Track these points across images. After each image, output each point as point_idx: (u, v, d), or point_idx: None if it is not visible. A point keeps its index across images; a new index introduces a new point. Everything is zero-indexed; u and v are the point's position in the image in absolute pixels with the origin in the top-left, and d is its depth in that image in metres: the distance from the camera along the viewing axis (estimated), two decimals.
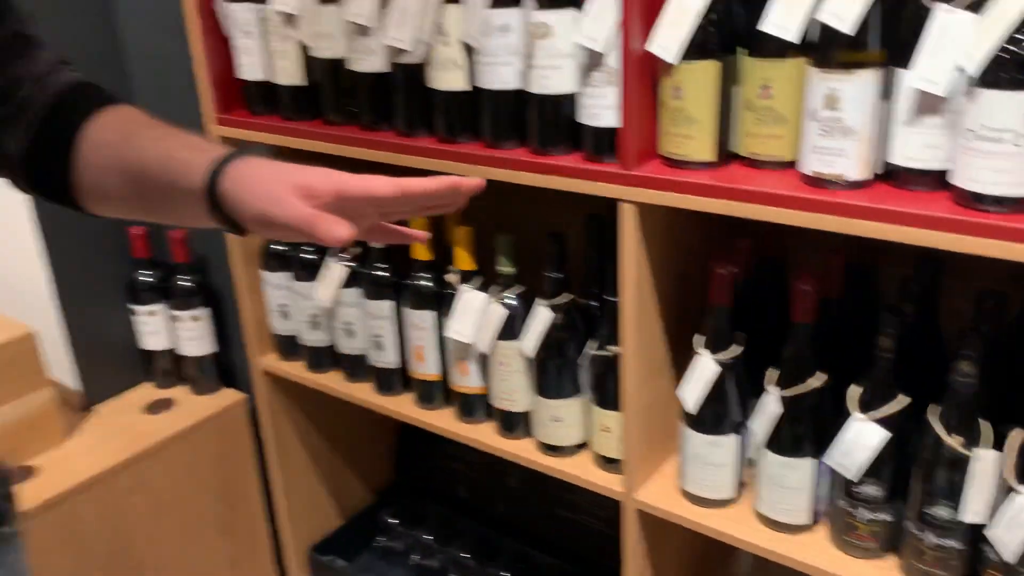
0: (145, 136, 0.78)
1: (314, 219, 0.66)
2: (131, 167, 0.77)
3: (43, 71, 0.81)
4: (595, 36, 1.03)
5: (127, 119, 0.81)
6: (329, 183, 0.70)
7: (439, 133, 1.24)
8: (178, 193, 0.75)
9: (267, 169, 0.72)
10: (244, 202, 0.71)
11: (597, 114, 1.07)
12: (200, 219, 0.75)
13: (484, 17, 1.12)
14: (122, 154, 0.78)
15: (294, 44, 1.36)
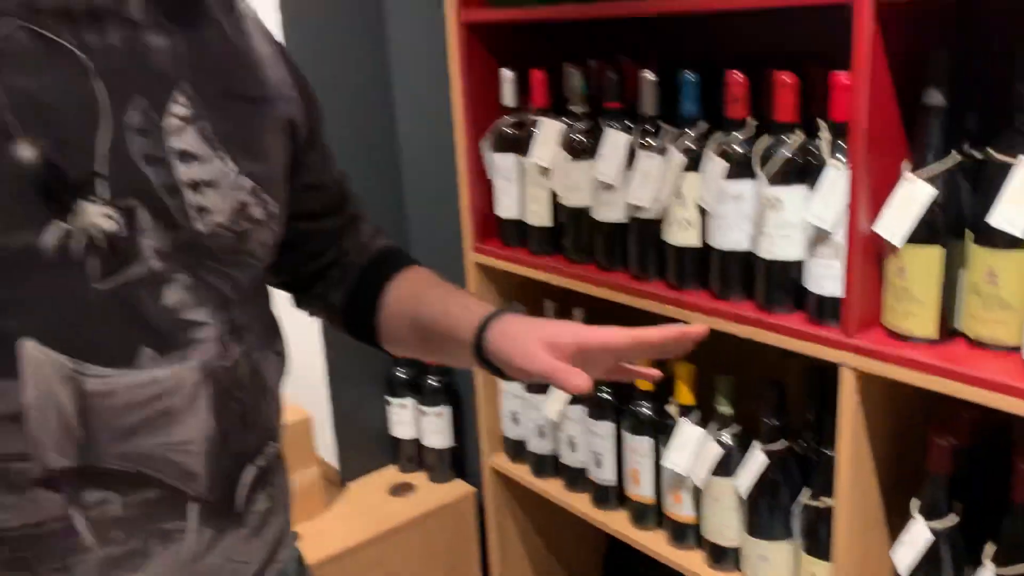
0: (431, 294, 0.96)
1: (557, 372, 0.79)
2: (419, 319, 0.95)
3: (364, 241, 1.02)
4: (823, 216, 1.11)
5: (419, 279, 1.00)
6: (571, 337, 0.83)
7: (670, 281, 1.36)
8: (453, 344, 0.91)
9: (520, 325, 0.86)
10: (502, 353, 0.85)
11: (822, 282, 1.15)
12: (470, 364, 0.92)
13: (720, 186, 1.24)
14: (413, 308, 0.96)
15: (546, 191, 1.55)
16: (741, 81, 1.20)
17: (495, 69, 1.60)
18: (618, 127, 1.39)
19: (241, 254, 0.78)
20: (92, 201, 0.66)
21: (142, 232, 0.69)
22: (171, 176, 0.71)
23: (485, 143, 1.64)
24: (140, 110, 0.70)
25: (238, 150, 0.76)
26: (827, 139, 1.13)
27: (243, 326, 0.78)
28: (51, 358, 0.65)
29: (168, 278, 0.71)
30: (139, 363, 0.69)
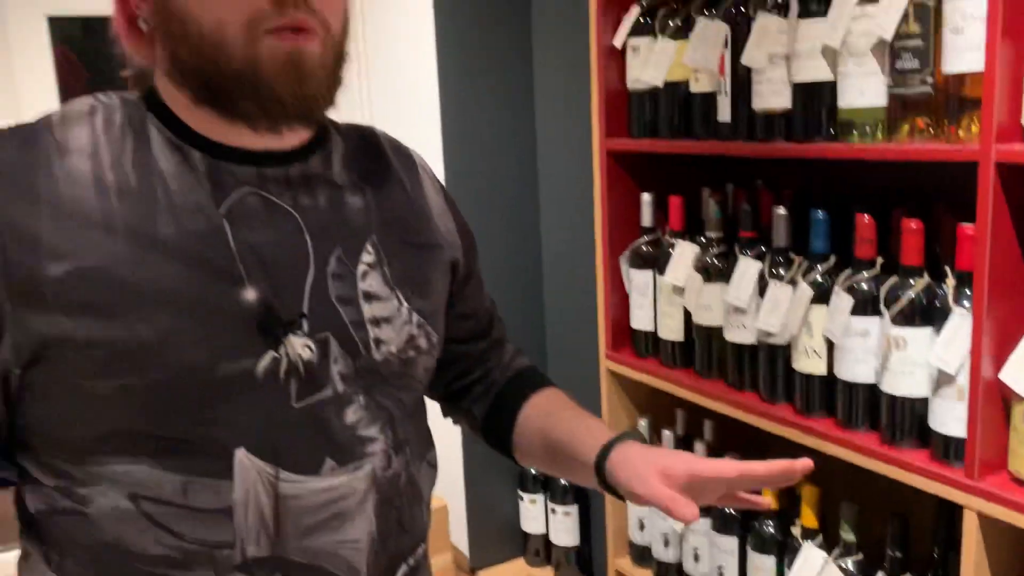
0: (562, 416, 1.05)
1: (669, 500, 0.85)
2: (549, 438, 1.04)
3: (507, 361, 1.13)
4: (947, 359, 1.15)
5: (552, 400, 1.09)
6: (683, 467, 0.88)
7: (797, 406, 1.41)
8: (577, 465, 0.99)
9: (637, 453, 0.93)
10: (620, 478, 0.92)
11: (946, 423, 1.18)
12: (592, 484, 1.00)
13: (847, 321, 1.29)
14: (544, 427, 1.05)
15: (679, 308, 1.64)
16: (869, 224, 1.26)
17: (635, 192, 1.72)
18: (751, 255, 1.47)
19: (407, 378, 0.91)
20: (297, 335, 0.81)
21: (333, 360, 0.83)
22: (358, 314, 0.85)
23: (623, 259, 1.75)
24: (337, 258, 0.85)
25: (410, 290, 0.90)
26: (952, 285, 1.17)
27: (405, 440, 0.90)
28: (256, 464, 0.79)
29: (350, 399, 0.84)
30: (323, 471, 0.82)
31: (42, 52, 2.07)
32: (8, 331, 0.73)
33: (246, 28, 0.74)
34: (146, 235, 0.75)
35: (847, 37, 1.24)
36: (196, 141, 0.80)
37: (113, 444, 0.77)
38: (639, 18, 1.62)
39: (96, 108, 0.80)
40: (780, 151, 1.37)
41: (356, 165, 0.91)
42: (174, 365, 0.75)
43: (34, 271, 0.72)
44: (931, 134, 1.18)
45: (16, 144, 0.76)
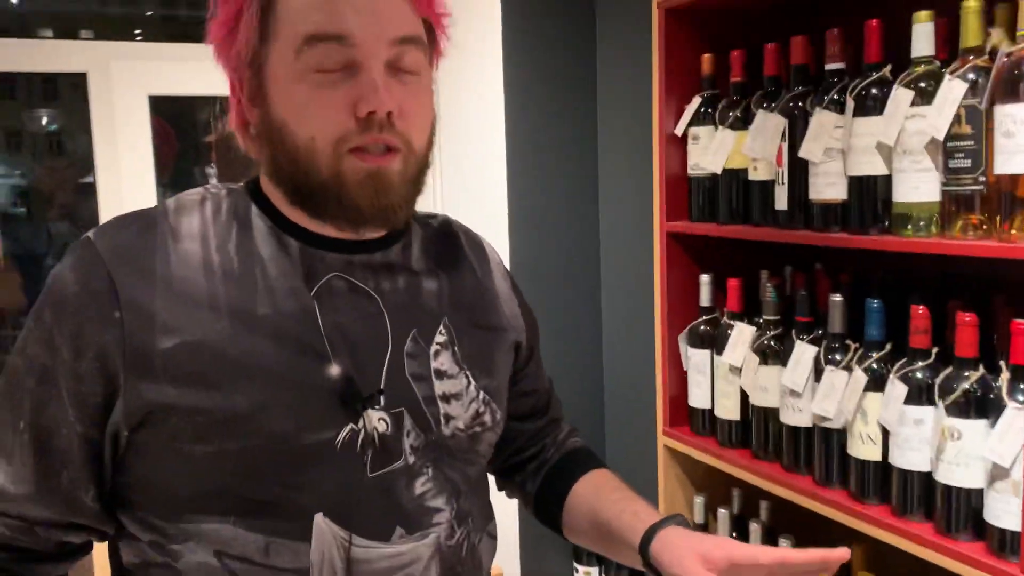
0: (610, 497, 1.08)
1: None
2: (596, 518, 1.07)
3: (561, 440, 1.19)
4: (1001, 452, 1.16)
5: (603, 480, 1.12)
6: (722, 553, 0.91)
7: (851, 491, 1.42)
8: (623, 544, 1.02)
9: (679, 537, 0.96)
10: (662, 560, 0.95)
11: (1000, 516, 1.18)
12: (636, 564, 1.03)
13: (901, 409, 1.31)
14: (592, 506, 1.08)
15: (736, 388, 1.67)
16: (924, 315, 1.29)
17: (695, 272, 1.77)
18: (807, 340, 1.50)
19: (472, 453, 0.97)
20: (375, 408, 0.88)
21: (406, 433, 0.90)
22: (430, 390, 0.92)
23: (682, 338, 1.79)
24: (413, 338, 0.92)
25: (476, 368, 0.97)
26: (1006, 379, 1.19)
27: (468, 512, 0.95)
28: (332, 529, 0.85)
29: (419, 471, 0.91)
30: (393, 539, 0.88)
31: (143, 126, 2.24)
32: (122, 397, 0.82)
33: (333, 145, 0.83)
34: (246, 314, 0.84)
35: (901, 135, 1.28)
36: (292, 230, 0.89)
37: (204, 503, 0.84)
38: (700, 108, 1.69)
39: (206, 198, 0.91)
40: (835, 240, 1.42)
41: (432, 252, 1.00)
42: (265, 433, 0.83)
43: (147, 344, 0.81)
44: (984, 231, 1.21)
45: (137, 229, 0.86)
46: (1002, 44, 1.20)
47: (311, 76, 0.83)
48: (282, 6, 0.85)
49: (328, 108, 0.83)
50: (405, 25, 0.86)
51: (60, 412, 0.83)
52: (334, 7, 0.83)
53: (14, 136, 6.33)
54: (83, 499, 0.86)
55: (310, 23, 0.83)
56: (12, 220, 5.08)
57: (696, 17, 1.72)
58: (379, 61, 0.84)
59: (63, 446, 0.84)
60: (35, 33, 4.25)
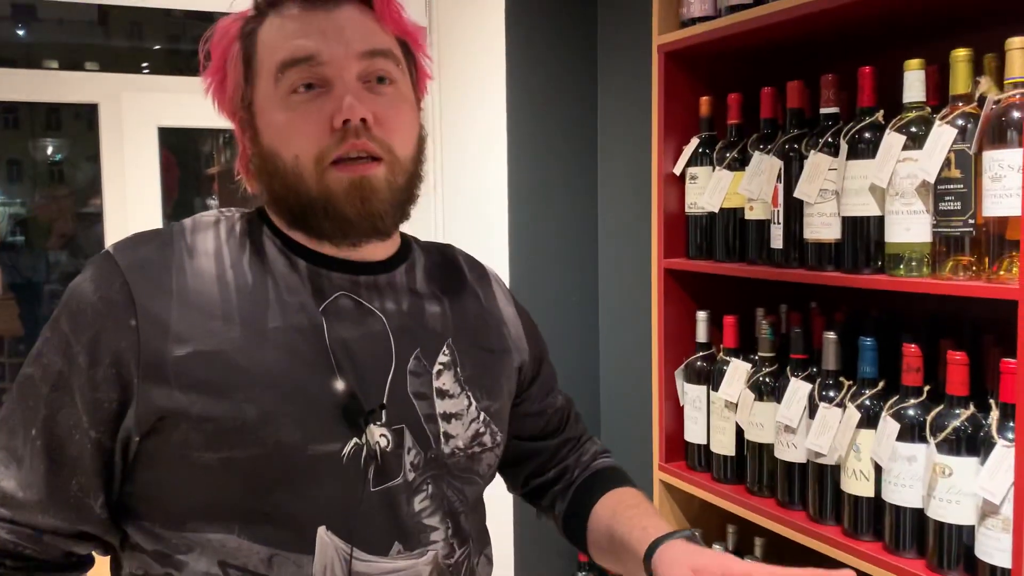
0: (625, 514, 1.09)
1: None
2: (613, 532, 1.08)
3: (587, 461, 1.19)
4: (992, 489, 1.18)
5: (623, 497, 1.13)
6: (718, 568, 0.92)
7: (844, 527, 1.44)
8: (631, 557, 1.03)
9: (678, 549, 0.97)
10: (659, 570, 0.96)
11: (991, 553, 1.20)
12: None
13: (893, 446, 1.33)
14: (609, 523, 1.09)
15: (731, 424, 1.69)
16: (916, 353, 1.32)
17: (691, 309, 1.80)
18: (801, 376, 1.53)
19: (470, 472, 0.98)
20: (376, 424, 0.90)
21: (406, 450, 0.92)
22: (431, 408, 0.95)
23: (679, 373, 1.82)
24: (416, 357, 0.95)
25: (478, 389, 0.99)
26: (996, 417, 1.21)
27: (465, 532, 0.97)
28: (334, 542, 0.87)
29: (419, 488, 0.92)
30: (391, 554, 0.89)
31: (151, 157, 2.29)
32: (135, 403, 0.84)
33: (315, 161, 0.88)
34: (258, 326, 0.87)
35: (893, 178, 1.32)
36: (299, 251, 0.93)
37: (211, 512, 0.86)
38: (698, 149, 1.74)
39: (220, 220, 0.95)
40: (829, 279, 1.45)
41: (436, 277, 1.03)
42: (272, 442, 0.85)
43: (161, 352, 0.84)
44: (974, 271, 1.25)
45: (155, 245, 0.90)
46: (990, 92, 1.24)
47: (289, 100, 0.88)
48: (260, 46, 0.91)
49: (306, 124, 0.88)
50: (372, 40, 0.91)
51: (74, 418, 0.85)
52: (301, 33, 0.89)
53: (15, 165, 6.38)
54: (92, 507, 0.87)
55: (282, 51, 0.89)
56: (11, 249, 5.10)
57: (695, 61, 1.77)
58: (350, 75, 0.88)
59: (75, 453, 0.86)
60: (41, 64, 4.31)
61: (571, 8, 2.35)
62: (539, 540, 2.18)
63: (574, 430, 1.21)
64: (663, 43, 1.74)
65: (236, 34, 0.93)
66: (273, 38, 0.90)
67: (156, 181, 2.32)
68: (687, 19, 1.70)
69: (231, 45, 0.93)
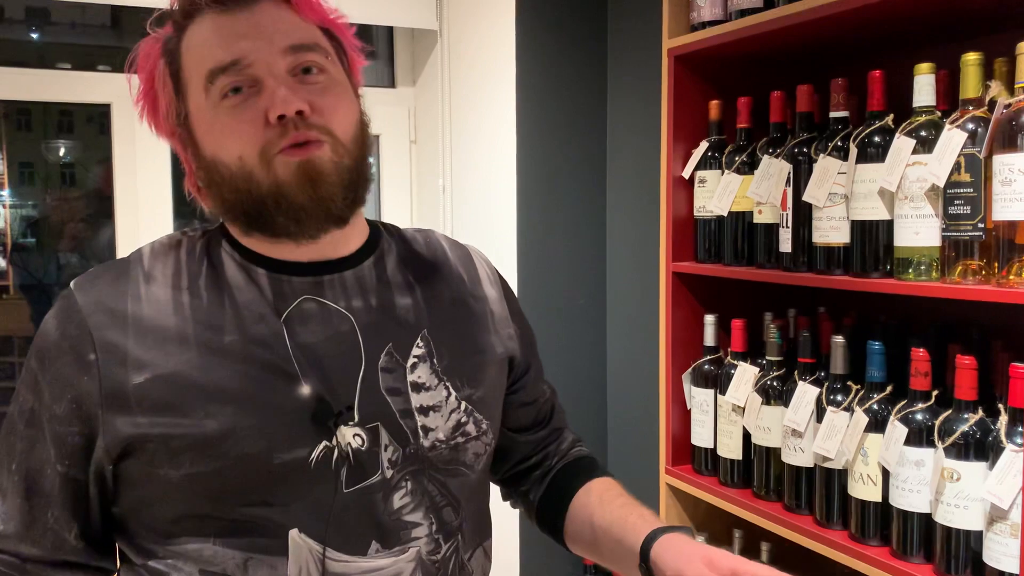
0: (613, 503, 1.08)
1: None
2: (598, 522, 1.07)
3: (565, 449, 1.18)
4: (999, 494, 1.18)
5: (606, 488, 1.12)
6: (728, 562, 0.92)
7: (851, 531, 1.43)
8: (622, 548, 1.02)
9: (685, 542, 0.97)
10: (665, 561, 0.95)
11: (999, 558, 1.19)
12: (632, 572, 1.01)
13: (902, 451, 1.33)
14: (594, 511, 1.08)
15: (738, 428, 1.68)
16: (924, 357, 1.32)
17: (699, 313, 1.79)
18: (809, 381, 1.52)
19: (455, 464, 0.97)
20: (348, 425, 0.90)
21: (383, 448, 0.92)
22: (407, 403, 0.94)
23: (686, 377, 1.82)
24: (388, 353, 0.94)
25: (459, 379, 0.98)
26: (1005, 421, 1.21)
27: (451, 526, 0.96)
28: (308, 544, 0.88)
29: (397, 485, 0.92)
30: (369, 553, 0.90)
31: (163, 158, 2.31)
32: (102, 434, 0.87)
33: (260, 156, 0.88)
34: (214, 343, 0.88)
35: (903, 182, 1.32)
36: (259, 261, 0.94)
37: (185, 525, 0.88)
38: (707, 152, 1.74)
39: (182, 241, 0.96)
40: (838, 283, 1.45)
41: (411, 266, 1.02)
42: (235, 455, 0.86)
43: (121, 381, 0.86)
44: (983, 276, 1.24)
45: (111, 278, 0.92)
46: (1000, 96, 1.24)
47: (222, 105, 0.89)
48: (185, 58, 0.92)
49: (244, 124, 0.88)
50: (295, 34, 0.91)
51: (45, 453, 0.89)
52: (222, 39, 0.89)
53: (27, 167, 6.42)
54: (67, 538, 0.90)
55: (208, 60, 0.89)
56: (22, 250, 5.14)
57: (705, 65, 1.77)
58: (278, 70, 0.89)
59: (47, 487, 0.90)
60: (53, 66, 4.34)
61: (581, 11, 2.36)
62: (544, 542, 2.20)
63: (559, 420, 1.20)
64: (673, 47, 1.75)
65: (159, 52, 0.94)
66: (197, 49, 0.91)
67: (167, 182, 2.33)
68: (697, 23, 1.71)
69: (156, 64, 0.94)
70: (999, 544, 1.19)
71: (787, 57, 1.72)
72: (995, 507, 1.19)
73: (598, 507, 1.08)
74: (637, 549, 0.98)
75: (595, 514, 1.08)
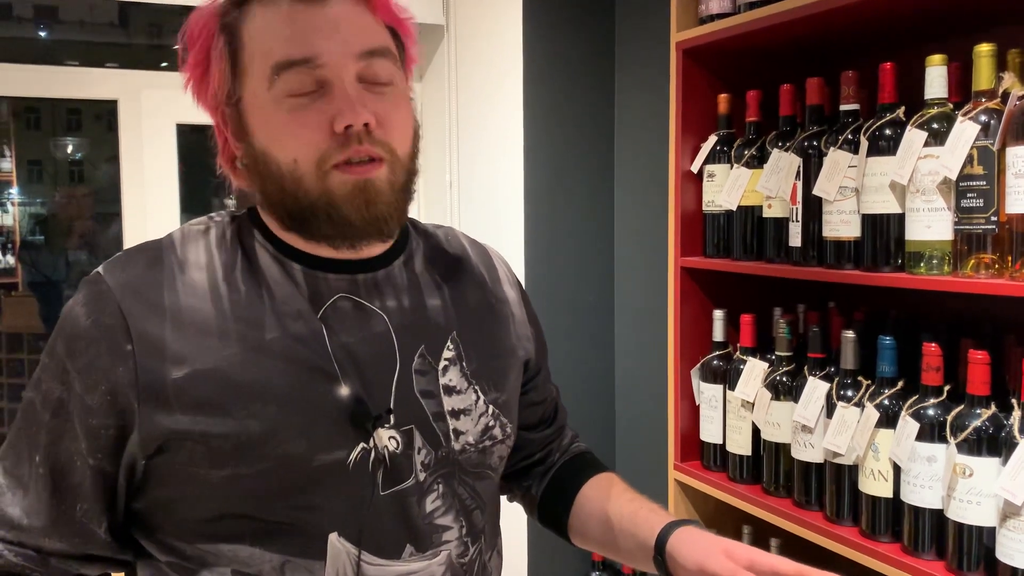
0: (621, 497, 1.08)
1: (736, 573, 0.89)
2: (606, 517, 1.07)
3: (566, 445, 1.19)
4: (1013, 490, 1.17)
5: (610, 483, 1.12)
6: (746, 553, 0.92)
7: (862, 528, 1.42)
8: (634, 543, 1.02)
9: (701, 535, 0.97)
10: (683, 555, 0.95)
11: (1012, 555, 1.18)
12: (644, 565, 1.01)
13: (912, 446, 1.31)
14: (601, 507, 1.08)
15: (748, 423, 1.67)
16: (936, 352, 1.30)
17: (708, 308, 1.78)
18: (819, 376, 1.51)
19: (483, 467, 0.97)
20: (385, 427, 0.89)
21: (416, 451, 0.91)
22: (439, 406, 0.93)
23: (695, 372, 1.81)
24: (420, 355, 0.93)
25: (486, 382, 0.98)
26: (1018, 416, 1.19)
27: (478, 529, 0.96)
28: (345, 547, 0.86)
29: (430, 488, 0.92)
30: (403, 556, 0.89)
31: (170, 154, 2.30)
32: (137, 428, 0.83)
33: (316, 164, 0.85)
34: (255, 339, 0.86)
35: (914, 175, 1.31)
36: (293, 255, 0.91)
37: (221, 525, 0.86)
38: (716, 146, 1.73)
39: (210, 227, 0.92)
40: (848, 277, 1.43)
41: (438, 264, 1.01)
42: (278, 456, 0.84)
43: (159, 375, 0.83)
44: (996, 270, 1.23)
45: (145, 263, 0.88)
46: (1014, 87, 1.23)
47: (285, 102, 0.85)
48: (248, 40, 0.87)
49: (306, 129, 0.84)
50: (370, 38, 0.88)
51: (74, 445, 0.85)
52: (297, 32, 0.85)
53: (36, 165, 6.44)
54: (96, 531, 0.87)
55: (277, 52, 0.85)
56: (31, 248, 5.15)
57: (713, 58, 1.75)
58: (349, 76, 0.85)
59: (76, 480, 0.85)
60: (62, 64, 4.36)
61: (589, 5, 2.35)
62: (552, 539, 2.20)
63: (562, 418, 1.20)
64: (681, 40, 1.73)
65: (216, 27, 0.89)
66: (263, 35, 0.86)
67: (175, 178, 2.33)
68: (705, 16, 1.69)
69: (212, 39, 0.88)
70: (1012, 540, 1.18)
71: (796, 50, 1.70)
72: (1008, 503, 1.18)
73: (607, 501, 1.08)
74: (652, 542, 0.98)
75: (604, 508, 1.07)
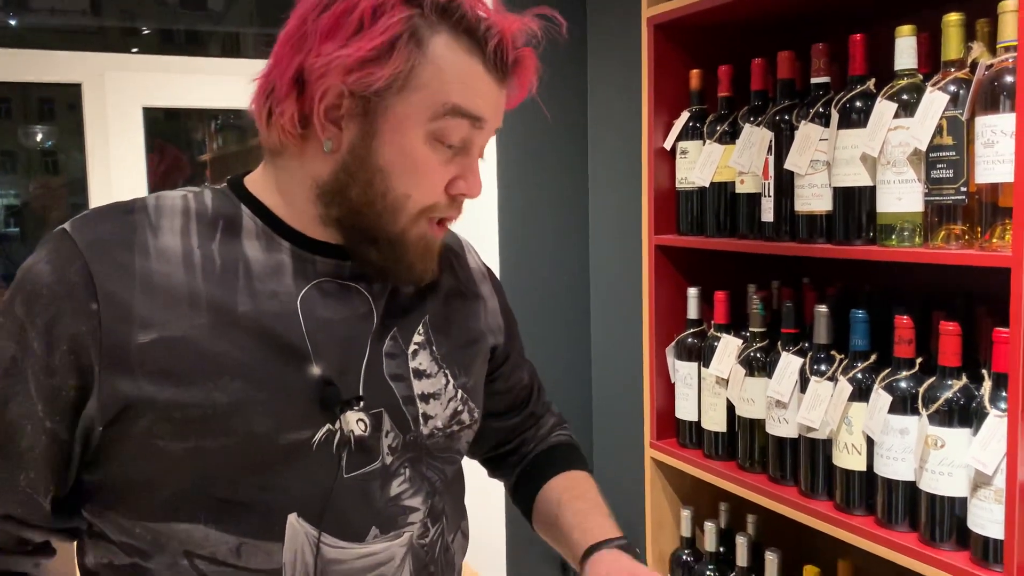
0: (571, 507, 1.09)
1: None
2: (559, 515, 1.08)
3: (544, 434, 1.19)
4: (984, 460, 1.17)
5: (576, 482, 1.13)
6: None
7: (836, 501, 1.42)
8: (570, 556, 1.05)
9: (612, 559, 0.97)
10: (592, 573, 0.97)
11: (983, 524, 1.19)
12: None
13: (886, 419, 1.31)
14: (554, 512, 1.09)
15: (723, 400, 1.67)
16: (908, 325, 1.30)
17: (682, 286, 1.78)
18: (793, 351, 1.51)
19: (450, 451, 0.97)
20: (353, 410, 0.88)
21: (384, 434, 0.90)
22: (409, 389, 0.92)
23: (669, 350, 1.80)
24: (392, 338, 0.92)
25: (455, 367, 0.97)
26: (988, 387, 1.19)
27: (441, 511, 0.95)
28: (305, 529, 0.85)
29: (396, 472, 0.90)
30: (367, 539, 0.88)
31: (136, 137, 2.26)
32: (96, 391, 0.80)
33: (422, 210, 0.87)
34: (226, 311, 0.83)
35: (885, 147, 1.30)
36: (285, 232, 0.88)
37: (176, 504, 0.83)
38: (688, 123, 1.71)
39: (188, 197, 0.89)
40: (821, 251, 1.43)
41: None
42: (243, 432, 0.82)
43: (124, 338, 0.80)
44: (966, 240, 1.23)
45: (117, 223, 0.84)
46: (982, 57, 1.22)
47: (436, 143, 0.85)
48: (431, 64, 0.83)
49: (437, 176, 0.86)
50: (501, 118, 0.92)
51: (26, 407, 0.81)
52: (480, 89, 0.86)
53: (8, 156, 6.34)
54: (40, 503, 0.84)
55: (457, 95, 0.84)
56: (5, 240, 5.08)
57: (685, 33, 1.74)
58: (482, 146, 0.91)
59: (26, 445, 0.82)
60: None
61: None
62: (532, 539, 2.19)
63: (537, 405, 1.19)
64: (652, 15, 1.72)
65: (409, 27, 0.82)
66: (451, 69, 0.84)
67: (142, 162, 2.29)
68: None
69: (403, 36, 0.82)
70: (984, 510, 1.18)
71: (768, 24, 1.69)
72: (979, 473, 1.18)
73: (557, 508, 1.10)
74: (579, 558, 1.01)
75: (554, 514, 1.09)
